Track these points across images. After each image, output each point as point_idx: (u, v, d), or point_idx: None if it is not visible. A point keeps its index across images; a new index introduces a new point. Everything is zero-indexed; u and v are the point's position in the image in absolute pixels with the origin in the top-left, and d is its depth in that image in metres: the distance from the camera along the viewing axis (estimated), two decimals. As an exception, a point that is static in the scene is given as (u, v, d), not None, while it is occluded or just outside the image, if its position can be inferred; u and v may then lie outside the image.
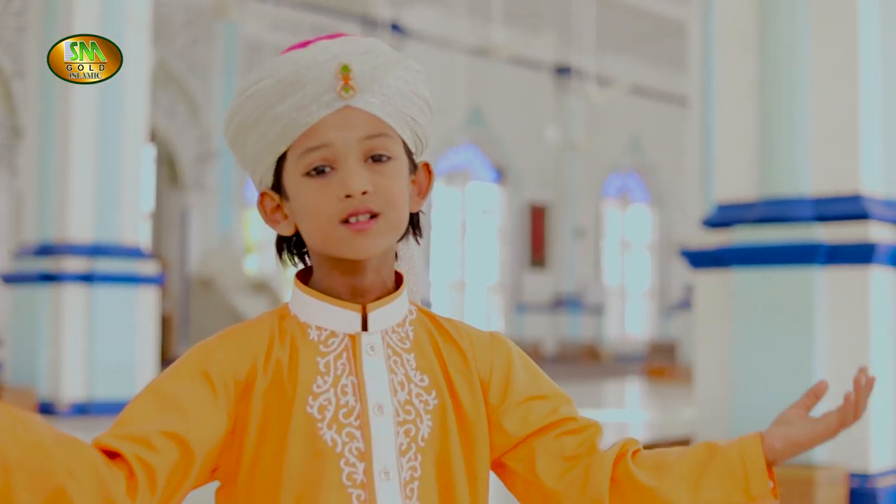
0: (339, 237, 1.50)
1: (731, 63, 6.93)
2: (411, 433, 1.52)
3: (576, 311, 29.81)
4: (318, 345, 1.54)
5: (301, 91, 1.50)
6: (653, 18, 26.26)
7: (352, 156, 1.51)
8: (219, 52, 22.08)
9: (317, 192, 1.50)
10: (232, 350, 1.51)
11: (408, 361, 1.57)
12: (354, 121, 1.51)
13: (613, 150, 31.03)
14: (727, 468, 1.54)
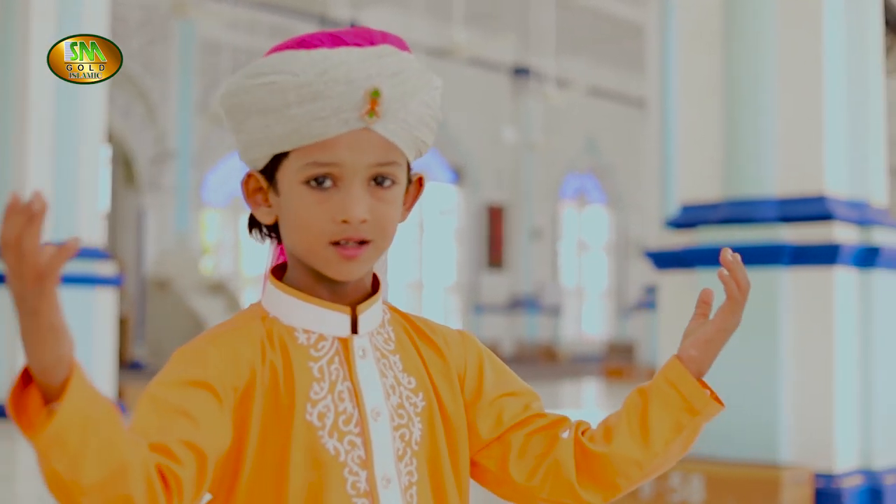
0: (325, 257, 1.45)
1: (694, 63, 6.93)
2: (406, 437, 1.49)
3: (533, 311, 29.85)
4: (309, 349, 1.48)
5: (323, 102, 1.43)
6: (611, 20, 26.34)
7: (358, 178, 1.45)
8: (175, 52, 21.95)
9: (313, 206, 1.45)
10: (227, 356, 1.43)
11: (395, 364, 1.53)
12: (368, 145, 1.45)
13: (570, 151, 31.11)
14: (662, 399, 1.55)
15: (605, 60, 30.00)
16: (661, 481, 6.24)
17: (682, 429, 1.54)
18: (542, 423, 1.59)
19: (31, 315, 1.16)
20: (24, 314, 1.16)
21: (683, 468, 6.19)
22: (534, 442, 1.58)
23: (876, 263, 6.42)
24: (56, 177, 11.75)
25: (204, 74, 22.64)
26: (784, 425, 6.27)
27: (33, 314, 1.15)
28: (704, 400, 1.56)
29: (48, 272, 1.14)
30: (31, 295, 1.15)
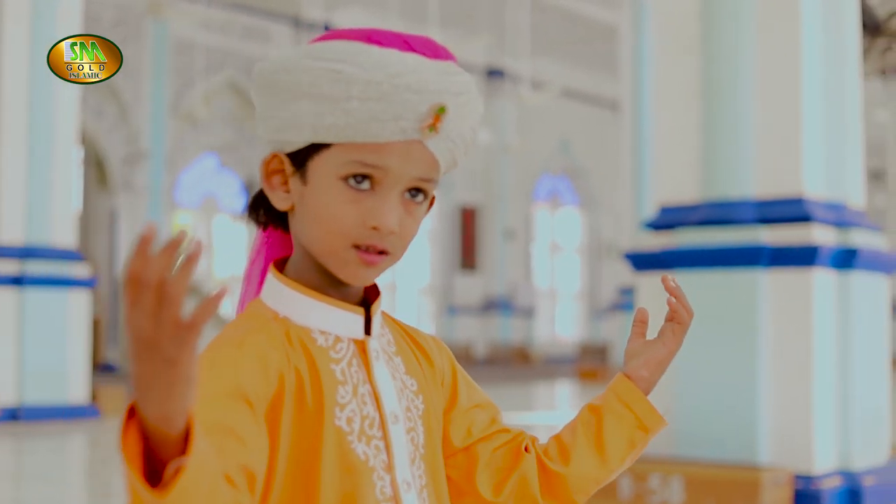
0: (345, 258, 1.40)
1: (671, 66, 6.94)
2: (415, 440, 1.47)
3: (506, 313, 29.88)
4: (329, 350, 1.43)
5: (387, 105, 1.37)
6: (584, 22, 26.39)
7: (398, 188, 1.41)
8: (148, 52, 21.86)
9: (345, 204, 1.39)
10: (257, 364, 1.36)
11: (399, 366, 1.49)
12: (418, 158, 1.41)
13: (544, 153, 31.16)
14: (617, 418, 1.57)
15: (579, 62, 30.06)
16: (641, 482, 6.24)
17: (635, 445, 1.57)
18: (507, 438, 1.59)
19: (165, 364, 1.05)
20: (156, 362, 1.06)
21: (663, 469, 6.19)
22: (499, 456, 1.57)
23: (854, 265, 6.44)
24: (28, 178, 11.69)
25: (177, 75, 22.55)
26: (763, 427, 6.28)
27: (170, 364, 1.05)
28: (657, 419, 1.58)
29: (197, 323, 1.04)
30: (171, 344, 1.04)
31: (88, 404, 12.02)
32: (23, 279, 11.51)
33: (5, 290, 11.51)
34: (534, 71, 27.54)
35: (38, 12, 11.65)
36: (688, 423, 6.48)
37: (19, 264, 11.55)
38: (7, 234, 11.61)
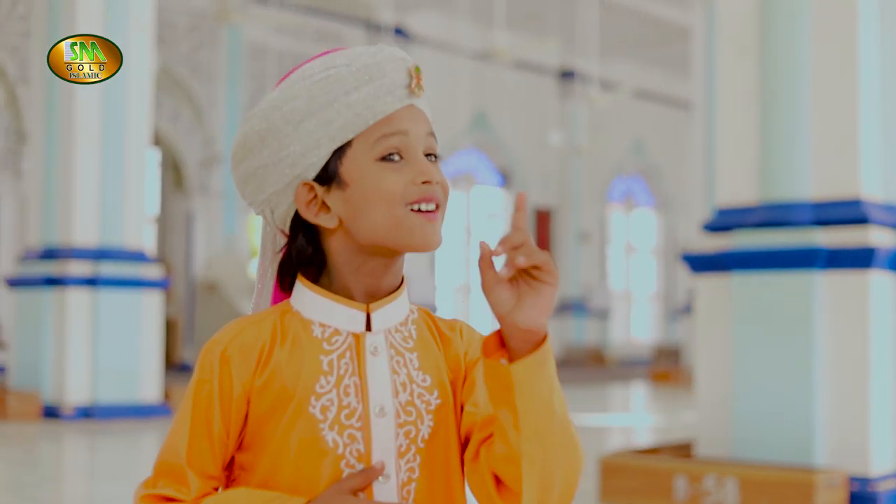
0: (411, 224, 1.52)
1: (731, 68, 6.95)
2: (411, 434, 1.54)
3: (581, 315, 29.80)
4: (322, 342, 1.54)
5: (379, 81, 1.53)
6: (657, 23, 26.28)
7: (420, 148, 1.55)
8: (223, 57, 22.11)
9: (392, 174, 1.52)
10: (242, 359, 1.53)
11: (410, 361, 1.57)
12: (420, 117, 1.56)
13: (618, 154, 31.04)
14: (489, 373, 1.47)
15: (652, 62, 29.92)
16: (696, 483, 6.26)
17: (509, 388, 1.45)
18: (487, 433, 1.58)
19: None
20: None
21: (718, 471, 6.21)
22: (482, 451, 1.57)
23: (912, 267, 6.41)
24: (103, 181, 11.89)
25: (251, 79, 22.78)
26: (819, 428, 6.27)
27: None
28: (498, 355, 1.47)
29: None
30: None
31: (161, 403, 12.21)
32: (96, 280, 11.72)
33: (80, 290, 11.73)
34: (605, 72, 27.46)
35: (110, 17, 11.86)
36: (744, 424, 6.49)
37: (93, 266, 11.77)
38: (82, 235, 11.83)
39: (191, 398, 1.54)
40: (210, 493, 1.52)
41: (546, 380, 1.44)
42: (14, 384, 12.26)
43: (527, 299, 1.42)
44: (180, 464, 1.51)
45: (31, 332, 12.00)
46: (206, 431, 1.52)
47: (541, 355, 1.43)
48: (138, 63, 12.10)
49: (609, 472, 6.66)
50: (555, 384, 1.46)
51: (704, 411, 6.80)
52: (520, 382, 1.42)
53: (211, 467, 1.52)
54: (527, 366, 1.43)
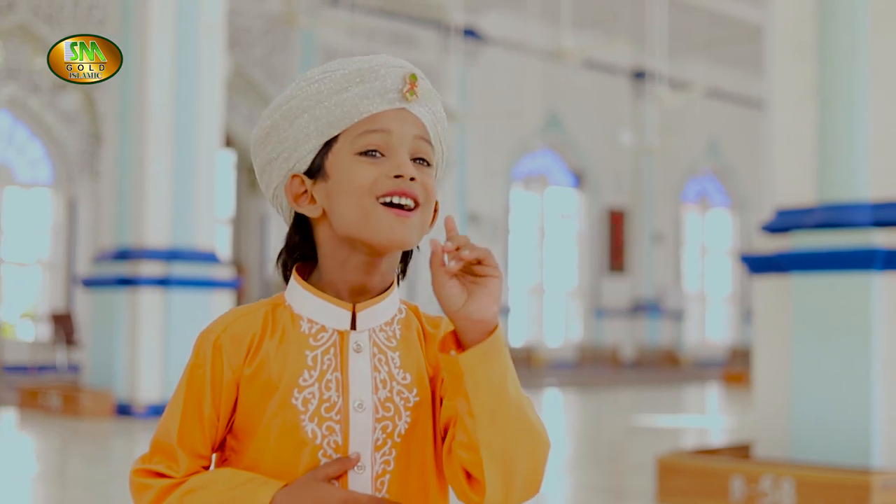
0: (378, 217, 1.58)
1: (788, 68, 6.93)
2: (388, 429, 1.62)
3: (655, 316, 29.67)
4: (309, 338, 1.63)
5: (370, 84, 1.61)
6: (729, 22, 26.11)
7: (403, 148, 1.62)
8: (296, 60, 22.30)
9: (368, 167, 1.59)
10: (233, 347, 1.63)
11: (392, 360, 1.65)
12: (410, 120, 1.63)
13: (692, 154, 30.88)
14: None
15: (726, 61, 29.73)
16: (752, 484, 6.26)
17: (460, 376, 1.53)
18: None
19: None
20: None
21: (775, 472, 6.20)
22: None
23: (972, 268, 6.36)
24: (175, 183, 12.07)
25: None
26: (877, 430, 6.24)
27: None
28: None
29: None
30: None
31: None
32: (168, 280, 11.91)
33: (152, 290, 11.93)
34: (677, 72, 27.34)
35: (181, 21, 12.04)
36: (801, 426, 6.47)
37: (165, 266, 11.95)
38: (154, 237, 12.02)
39: (184, 382, 1.64)
40: (198, 471, 1.62)
41: (497, 366, 1.52)
42: (88, 383, 12.49)
43: (476, 292, 1.51)
44: (171, 443, 1.61)
45: (105, 332, 12.21)
46: (197, 414, 1.61)
47: (490, 344, 1.51)
48: (209, 66, 12.27)
49: (666, 472, 6.68)
50: (508, 371, 1.53)
51: (762, 412, 6.80)
52: (469, 369, 1.50)
53: (200, 447, 1.62)
54: (475, 353, 1.50)
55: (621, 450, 10.53)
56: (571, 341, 28.66)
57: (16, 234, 20.71)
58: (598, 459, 9.91)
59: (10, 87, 19.34)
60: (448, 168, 24.99)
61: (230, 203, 23.00)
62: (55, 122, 20.09)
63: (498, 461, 1.52)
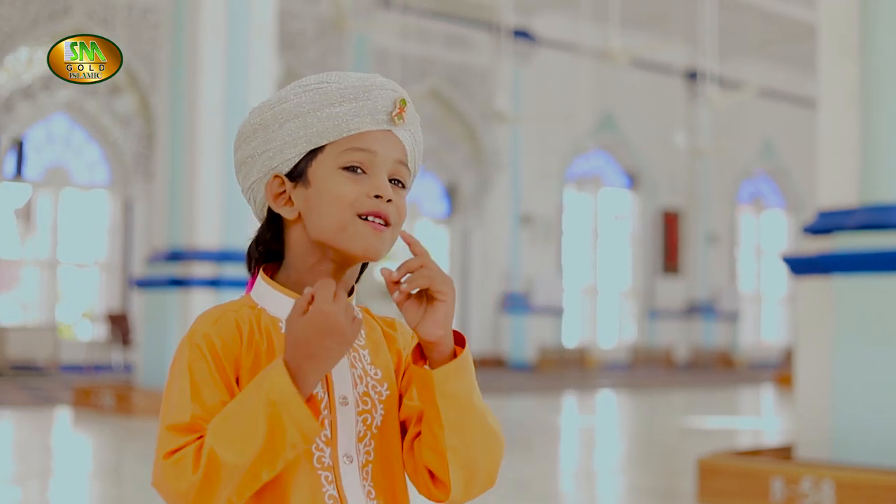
0: (356, 229, 1.66)
1: (832, 69, 6.92)
2: (367, 421, 1.71)
3: (710, 317, 29.57)
4: None
5: (361, 102, 1.69)
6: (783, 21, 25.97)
7: (384, 170, 1.70)
8: (349, 63, 22.44)
9: (349, 184, 1.67)
10: (228, 333, 1.67)
11: (364, 357, 1.75)
12: (394, 144, 1.72)
13: (747, 155, 30.74)
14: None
15: (781, 61, 29.58)
16: (792, 485, 6.26)
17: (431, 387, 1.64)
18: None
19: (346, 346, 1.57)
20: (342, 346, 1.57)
21: (815, 473, 6.20)
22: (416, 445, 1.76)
23: None
24: (226, 184, 12.18)
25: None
26: (919, 432, 6.22)
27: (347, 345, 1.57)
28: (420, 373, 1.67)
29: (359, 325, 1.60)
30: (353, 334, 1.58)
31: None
32: (219, 281, 12.02)
33: (203, 291, 12.04)
34: (731, 72, 27.22)
35: (232, 25, 12.16)
36: (843, 427, 6.46)
37: (216, 267, 12.07)
38: (205, 238, 12.15)
39: (184, 368, 1.64)
40: None
41: (466, 381, 1.66)
42: (141, 382, 12.64)
43: (426, 315, 1.63)
44: (184, 420, 1.60)
45: (157, 332, 12.35)
46: (209, 381, 1.63)
47: (460, 360, 1.64)
48: (259, 67, 12.38)
49: (707, 472, 6.69)
50: (474, 386, 1.67)
51: (804, 414, 6.79)
52: (440, 383, 1.63)
53: (218, 405, 1.62)
54: (447, 370, 1.63)
55: (672, 451, 10.53)
56: (625, 343, 28.61)
57: (73, 236, 20.99)
58: (648, 460, 9.92)
59: (68, 91, 19.61)
60: (502, 170, 25.13)
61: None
62: (111, 125, 20.35)
63: (462, 465, 1.67)
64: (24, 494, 7.21)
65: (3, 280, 20.57)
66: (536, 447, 10.62)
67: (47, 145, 20.34)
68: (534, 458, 9.74)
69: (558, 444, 11.26)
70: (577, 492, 7.96)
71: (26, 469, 8.48)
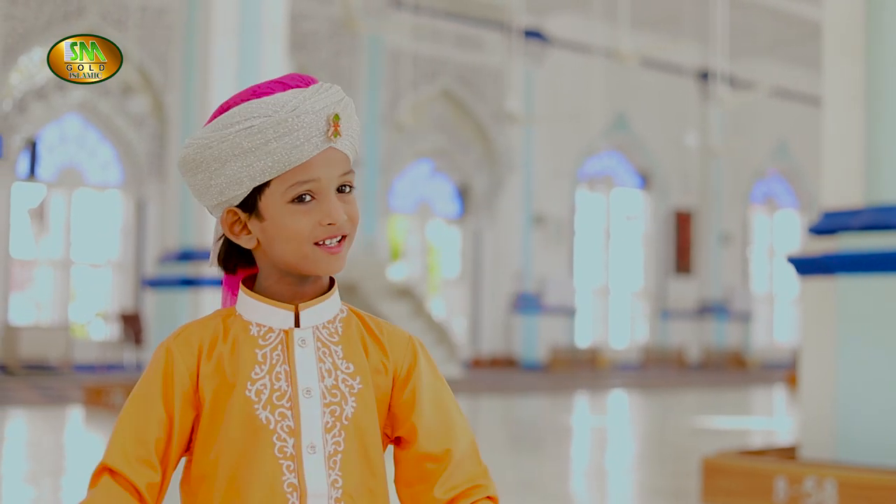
0: (314, 258, 1.75)
1: (837, 68, 6.95)
2: (336, 413, 1.79)
3: (722, 317, 29.56)
4: (258, 339, 1.80)
5: (297, 133, 1.72)
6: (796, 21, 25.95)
7: (331, 189, 1.76)
8: (362, 63, 22.49)
9: (301, 217, 1.74)
10: (186, 351, 1.79)
11: (335, 352, 1.82)
12: (335, 160, 1.76)
13: (760, 155, 30.72)
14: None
15: (794, 62, 29.54)
16: (796, 485, 6.29)
17: None
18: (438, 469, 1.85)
19: None
20: None
21: (818, 473, 6.23)
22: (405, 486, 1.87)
23: None
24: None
25: (388, 85, 23.10)
26: (922, 432, 6.25)
27: None
28: None
29: None
30: None
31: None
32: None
33: (214, 291, 12.07)
34: (744, 72, 27.21)
35: (244, 25, 12.21)
36: (846, 427, 6.49)
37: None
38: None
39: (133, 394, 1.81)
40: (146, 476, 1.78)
41: None
42: (153, 381, 12.68)
43: None
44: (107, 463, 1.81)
45: (169, 332, 12.36)
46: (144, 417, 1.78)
47: None
48: (270, 69, 12.42)
49: (711, 472, 6.73)
50: None
51: (808, 414, 6.82)
52: None
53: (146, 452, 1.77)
54: None
55: (682, 451, 10.55)
56: (637, 343, 28.62)
57: (87, 236, 21.09)
58: (658, 461, 9.95)
59: (81, 92, 19.69)
60: (514, 170, 25.17)
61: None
62: (124, 125, 20.43)
63: None
64: (37, 493, 7.28)
65: (17, 280, 20.68)
66: (548, 447, 10.66)
67: (61, 146, 20.43)
68: (545, 457, 9.78)
69: (570, 444, 11.29)
70: (587, 491, 8.00)
71: (39, 468, 8.55)
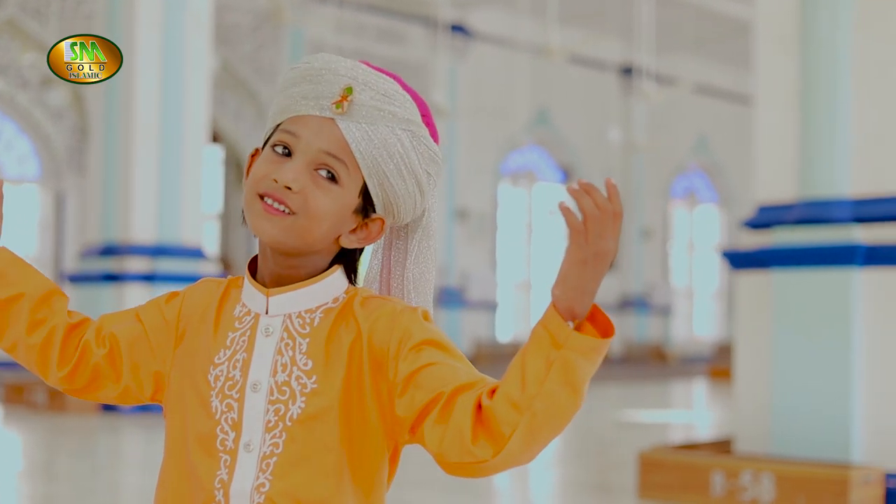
0: (252, 207, 1.66)
1: (771, 64, 6.97)
2: (280, 412, 1.65)
3: (643, 311, 29.74)
4: (236, 320, 1.72)
5: (312, 85, 1.67)
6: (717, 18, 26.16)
7: (305, 157, 1.65)
8: (284, 56, 22.32)
9: (265, 162, 1.67)
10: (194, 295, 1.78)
11: (299, 346, 1.67)
12: (327, 134, 1.66)
13: (681, 150, 30.94)
14: (535, 340, 1.53)
15: (715, 58, 29.78)
16: (732, 479, 6.29)
17: (551, 364, 1.51)
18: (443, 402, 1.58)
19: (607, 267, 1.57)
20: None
21: (755, 466, 6.24)
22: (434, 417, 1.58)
23: (952, 264, 6.40)
24: (161, 178, 12.08)
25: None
26: (857, 425, 6.28)
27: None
28: (567, 333, 1.51)
29: None
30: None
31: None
32: (154, 276, 11.91)
33: (138, 286, 11.93)
34: (666, 68, 27.37)
35: (168, 18, 12.05)
36: (781, 421, 6.51)
37: (151, 262, 11.96)
38: (140, 232, 12.03)
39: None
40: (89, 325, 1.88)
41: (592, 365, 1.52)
42: (75, 378, 12.47)
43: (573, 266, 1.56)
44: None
45: (91, 327, 12.19)
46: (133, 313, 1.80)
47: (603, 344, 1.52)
48: (196, 62, 12.28)
49: (647, 467, 6.72)
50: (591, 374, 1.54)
51: (743, 407, 6.84)
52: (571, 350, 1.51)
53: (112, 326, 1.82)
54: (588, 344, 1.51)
55: (607, 445, 10.57)
56: (559, 337, 28.68)
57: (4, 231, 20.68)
58: (583, 454, 9.94)
59: (-2, 84, 19.33)
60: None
61: (217, 198, 23.00)
62: (43, 118, 20.08)
63: (531, 431, 1.52)
64: (-45, 493, 7.11)
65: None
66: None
67: (-24, 139, 20.07)
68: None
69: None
70: (510, 486, 7.94)
71: (-42, 467, 8.36)
